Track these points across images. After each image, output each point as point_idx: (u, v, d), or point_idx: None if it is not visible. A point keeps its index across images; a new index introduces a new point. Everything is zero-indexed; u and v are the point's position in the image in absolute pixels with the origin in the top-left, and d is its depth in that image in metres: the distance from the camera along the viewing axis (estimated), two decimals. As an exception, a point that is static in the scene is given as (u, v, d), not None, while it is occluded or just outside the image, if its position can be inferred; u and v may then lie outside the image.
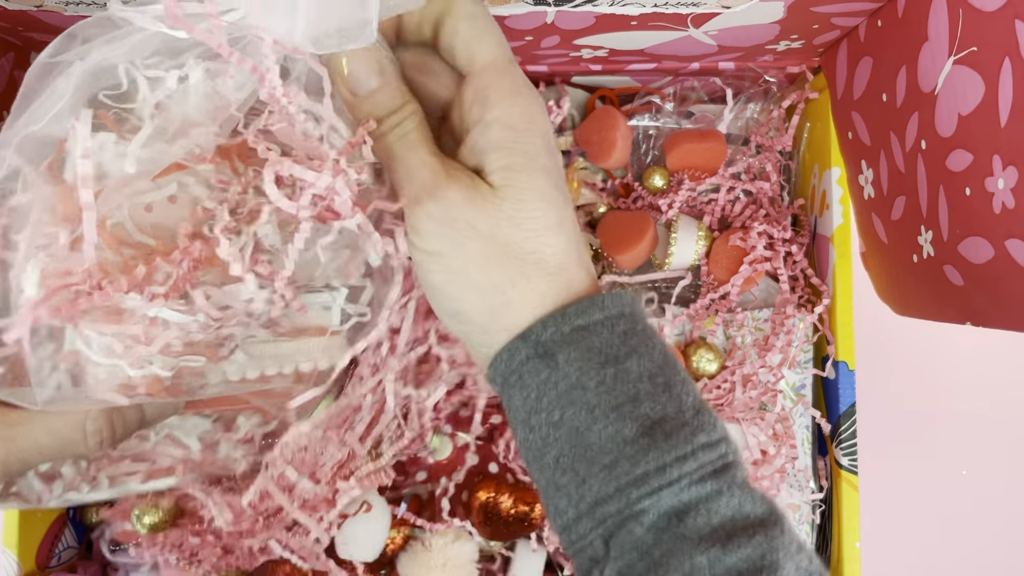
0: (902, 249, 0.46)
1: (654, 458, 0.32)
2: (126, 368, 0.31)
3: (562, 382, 0.34)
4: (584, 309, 0.34)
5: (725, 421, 0.56)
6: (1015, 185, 0.34)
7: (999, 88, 0.35)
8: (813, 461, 0.59)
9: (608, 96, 0.63)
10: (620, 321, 0.34)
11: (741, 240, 0.58)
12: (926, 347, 0.76)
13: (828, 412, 0.59)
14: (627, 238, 0.58)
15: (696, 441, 0.33)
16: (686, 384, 0.35)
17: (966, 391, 0.76)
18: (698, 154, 0.60)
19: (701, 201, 0.62)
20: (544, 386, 0.34)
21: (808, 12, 0.48)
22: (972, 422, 0.76)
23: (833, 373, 0.58)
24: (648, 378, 0.34)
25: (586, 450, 0.33)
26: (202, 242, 0.31)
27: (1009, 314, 0.37)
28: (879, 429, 0.74)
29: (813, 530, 0.59)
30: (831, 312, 0.58)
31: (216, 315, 0.32)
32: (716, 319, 0.59)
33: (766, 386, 0.58)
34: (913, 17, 0.42)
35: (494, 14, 0.47)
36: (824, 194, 0.59)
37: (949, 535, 0.76)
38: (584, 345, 0.34)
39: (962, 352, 0.76)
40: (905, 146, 0.44)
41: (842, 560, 0.56)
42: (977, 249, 0.38)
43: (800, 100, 0.61)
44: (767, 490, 0.56)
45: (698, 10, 0.47)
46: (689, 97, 0.63)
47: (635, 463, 0.33)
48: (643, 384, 0.34)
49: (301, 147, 0.32)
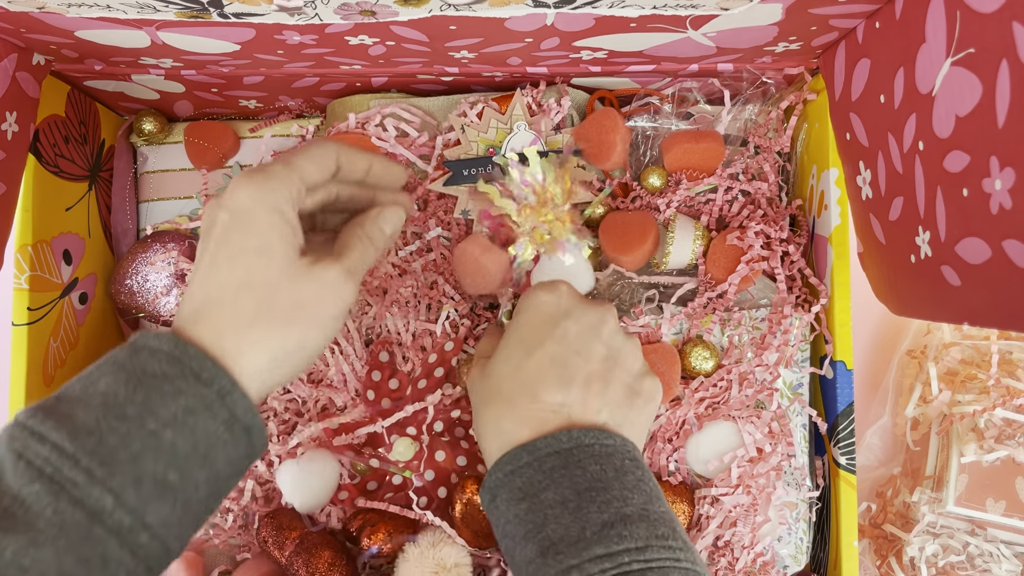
0: (900, 249, 0.47)
1: (542, 573, 0.39)
2: None
3: (500, 518, 0.43)
4: (514, 456, 0.43)
5: (721, 419, 0.57)
6: (1012, 186, 0.34)
7: (996, 89, 0.35)
8: (810, 460, 0.59)
9: (607, 97, 0.63)
10: (550, 458, 0.42)
11: (738, 240, 0.58)
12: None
13: (826, 411, 0.59)
14: (630, 239, 0.58)
15: (586, 554, 0.39)
16: (611, 503, 0.41)
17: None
18: (696, 154, 0.61)
19: (699, 201, 0.63)
20: (495, 523, 0.44)
21: (806, 14, 0.48)
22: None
23: (831, 372, 0.58)
24: (560, 504, 0.41)
25: (515, 570, 0.42)
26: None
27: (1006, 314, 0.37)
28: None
29: (810, 528, 0.59)
30: (829, 312, 0.58)
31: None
32: (713, 318, 0.59)
33: (762, 384, 0.58)
34: (911, 19, 0.43)
35: (494, 15, 0.47)
36: (822, 194, 0.59)
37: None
38: (510, 486, 0.43)
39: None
40: (903, 147, 0.45)
41: (840, 559, 0.56)
42: (974, 250, 0.38)
43: (798, 101, 0.62)
44: (763, 488, 0.56)
45: (697, 12, 0.47)
46: (688, 98, 0.63)
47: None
48: (552, 510, 0.41)
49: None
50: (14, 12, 0.46)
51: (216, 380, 0.39)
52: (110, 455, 0.36)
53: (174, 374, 0.38)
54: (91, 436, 0.36)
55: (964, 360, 0.71)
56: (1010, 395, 0.65)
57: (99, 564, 0.35)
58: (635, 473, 0.43)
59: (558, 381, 0.45)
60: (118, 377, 0.38)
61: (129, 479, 0.36)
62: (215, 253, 0.42)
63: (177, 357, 0.39)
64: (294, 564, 0.55)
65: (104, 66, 0.58)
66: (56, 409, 0.37)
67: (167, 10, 0.45)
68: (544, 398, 0.44)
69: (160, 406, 0.37)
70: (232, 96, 0.64)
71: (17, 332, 0.57)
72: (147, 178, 0.67)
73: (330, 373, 0.59)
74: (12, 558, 0.33)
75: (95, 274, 0.65)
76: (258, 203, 0.42)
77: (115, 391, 0.37)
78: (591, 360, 0.46)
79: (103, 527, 0.35)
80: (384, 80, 0.61)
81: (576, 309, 0.48)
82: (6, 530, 0.34)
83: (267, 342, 0.41)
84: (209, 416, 0.38)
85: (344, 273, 0.44)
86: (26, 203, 0.57)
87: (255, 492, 0.59)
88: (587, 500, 0.40)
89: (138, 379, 0.38)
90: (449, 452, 0.57)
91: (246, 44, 0.51)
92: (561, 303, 0.48)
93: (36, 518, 0.34)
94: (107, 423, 0.36)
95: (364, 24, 0.48)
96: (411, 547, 0.55)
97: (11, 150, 0.52)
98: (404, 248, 0.61)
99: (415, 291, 0.61)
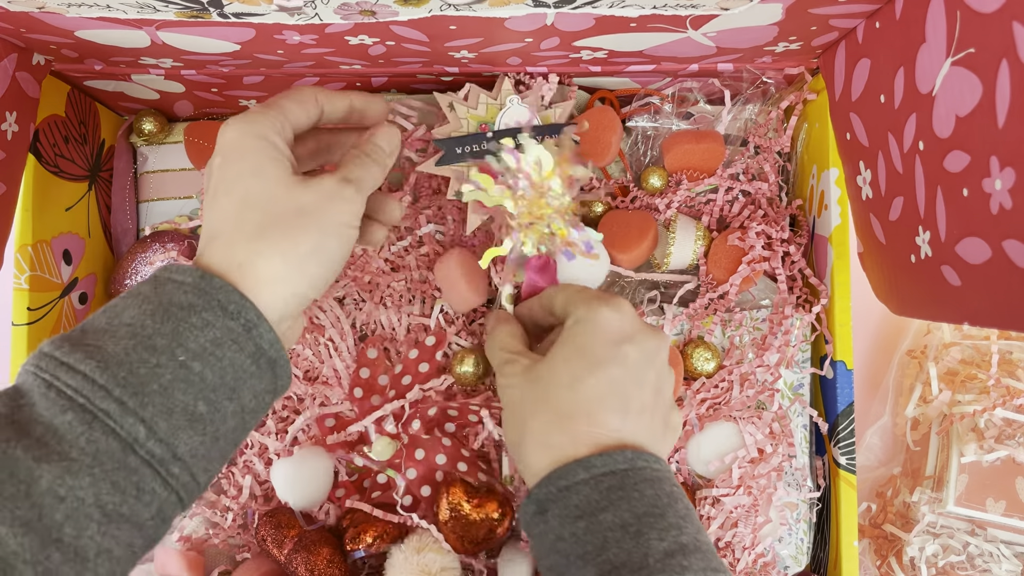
0: (900, 249, 0.47)
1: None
2: None
3: (550, 534, 0.42)
4: (570, 470, 0.42)
5: (722, 420, 0.57)
6: (1012, 186, 0.34)
7: (996, 89, 0.35)
8: (811, 460, 0.59)
9: (608, 97, 0.63)
10: (607, 478, 0.42)
11: (739, 240, 0.58)
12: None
13: (826, 411, 0.59)
14: (629, 238, 0.58)
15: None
16: (668, 531, 0.40)
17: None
18: (696, 155, 0.61)
19: (699, 201, 0.62)
20: (542, 537, 0.43)
21: (806, 14, 0.48)
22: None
23: (831, 372, 0.58)
24: (620, 527, 0.40)
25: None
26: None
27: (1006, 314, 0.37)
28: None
29: (811, 529, 0.59)
30: (829, 312, 0.58)
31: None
32: (714, 318, 0.59)
33: (763, 385, 0.58)
34: (911, 19, 0.43)
35: (494, 15, 0.47)
36: (822, 194, 0.59)
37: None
38: (565, 502, 0.42)
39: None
40: (903, 147, 0.45)
41: (840, 559, 0.56)
42: (975, 250, 0.38)
43: (798, 101, 0.61)
44: (764, 488, 0.56)
45: (697, 12, 0.47)
46: (688, 98, 0.63)
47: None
48: (612, 533, 0.40)
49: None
50: (14, 12, 0.46)
51: (243, 312, 0.39)
52: (141, 386, 0.36)
53: (201, 305, 0.38)
54: (121, 367, 0.36)
55: (964, 360, 0.71)
56: (1010, 395, 0.65)
57: (134, 492, 0.36)
58: (683, 501, 0.43)
59: (617, 406, 0.45)
60: (144, 309, 0.38)
61: (160, 409, 0.36)
62: (215, 189, 0.43)
63: (203, 288, 0.39)
64: (293, 562, 0.55)
65: (104, 66, 0.58)
66: (83, 341, 0.37)
67: (167, 10, 0.45)
68: (602, 421, 0.44)
69: (189, 338, 0.38)
70: (232, 96, 0.64)
71: (17, 332, 0.57)
72: (147, 178, 0.67)
73: (325, 370, 0.59)
74: (48, 487, 0.34)
75: (95, 274, 0.65)
76: (244, 134, 0.43)
77: (142, 322, 0.38)
78: (645, 389, 0.46)
79: (136, 456, 0.36)
80: (384, 80, 0.61)
81: (638, 334, 0.47)
82: (40, 459, 0.34)
83: (278, 246, 0.41)
84: (236, 348, 0.39)
85: (341, 180, 0.44)
86: (26, 203, 0.57)
87: (254, 490, 0.59)
88: (647, 526, 0.40)
89: (165, 310, 0.38)
90: (429, 450, 0.57)
91: (246, 44, 0.51)
92: (625, 325, 0.47)
93: (70, 447, 0.35)
94: (136, 354, 0.37)
95: (364, 24, 0.48)
96: (396, 551, 0.54)
97: (11, 150, 0.52)
98: (397, 243, 0.61)
99: (408, 285, 0.61)
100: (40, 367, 0.37)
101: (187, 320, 0.38)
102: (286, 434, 0.58)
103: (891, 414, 0.74)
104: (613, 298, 0.48)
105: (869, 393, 0.76)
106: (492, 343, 0.52)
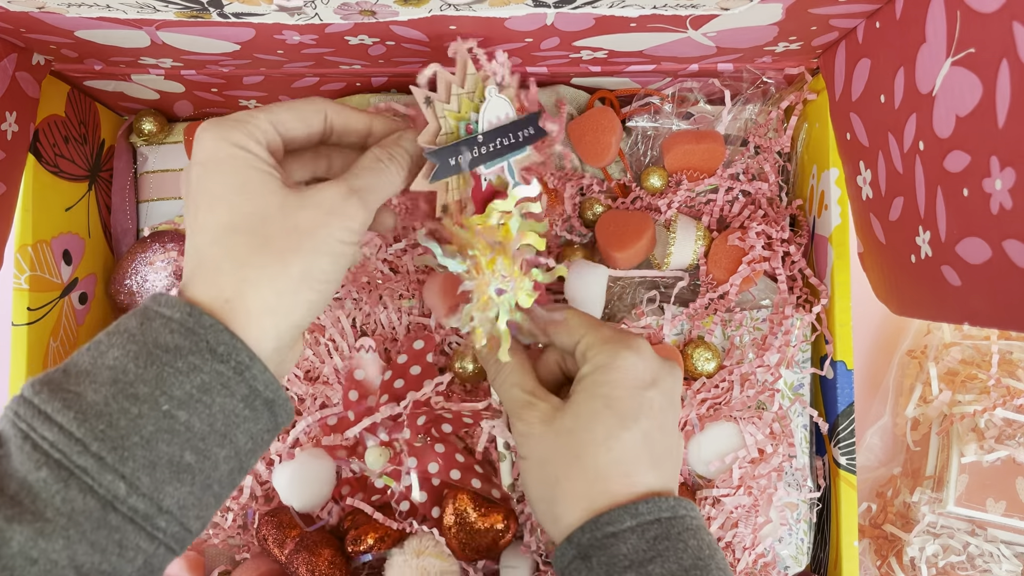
0: (900, 249, 0.47)
1: None
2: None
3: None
4: (616, 517, 0.41)
5: (723, 420, 0.57)
6: (1013, 186, 0.34)
7: (997, 89, 0.35)
8: (811, 460, 0.59)
9: (608, 97, 0.63)
10: (652, 527, 0.41)
11: (739, 240, 0.58)
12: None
13: (826, 411, 0.59)
14: (625, 237, 0.58)
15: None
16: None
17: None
18: (696, 155, 0.61)
19: (699, 201, 0.62)
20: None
21: (806, 14, 0.48)
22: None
23: (831, 372, 0.58)
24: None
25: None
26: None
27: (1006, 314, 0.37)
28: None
29: (811, 529, 0.59)
30: (829, 312, 0.58)
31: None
32: (715, 318, 0.59)
33: (764, 385, 0.58)
34: (911, 19, 0.43)
35: (494, 15, 0.47)
36: (823, 194, 0.59)
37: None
38: (612, 551, 0.41)
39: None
40: (903, 147, 0.45)
41: (840, 559, 0.56)
42: (975, 250, 0.38)
43: (798, 101, 0.61)
44: (764, 488, 0.56)
45: (697, 12, 0.47)
46: (688, 98, 0.63)
47: None
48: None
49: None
50: (14, 12, 0.46)
51: (233, 354, 0.37)
52: (121, 439, 0.34)
53: (188, 348, 0.36)
54: (100, 419, 0.34)
55: (964, 360, 0.70)
56: (1010, 395, 0.65)
57: (115, 550, 0.34)
58: (719, 552, 0.43)
59: (651, 461, 0.44)
60: (128, 350, 0.36)
61: (142, 464, 0.34)
62: (196, 204, 0.39)
63: (190, 328, 0.36)
64: (294, 563, 0.54)
65: (104, 66, 0.58)
66: (63, 385, 0.35)
67: (167, 10, 0.45)
68: (637, 476, 0.44)
69: (174, 384, 0.35)
70: (232, 96, 0.64)
71: (17, 332, 0.57)
72: (147, 178, 0.67)
73: (325, 370, 0.59)
74: (19, 549, 0.32)
75: (95, 274, 0.65)
76: (223, 143, 0.39)
77: (125, 366, 0.35)
78: (669, 435, 0.46)
79: (117, 514, 0.34)
80: (384, 80, 0.61)
81: (659, 374, 0.46)
82: (11, 519, 0.32)
83: (268, 274, 0.38)
84: (227, 393, 0.36)
85: (344, 191, 0.40)
86: (26, 203, 0.57)
87: (255, 491, 0.59)
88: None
89: (149, 352, 0.36)
90: (422, 458, 0.56)
91: (246, 44, 0.51)
92: (646, 367, 0.46)
93: (44, 506, 0.33)
94: (117, 403, 0.35)
95: (364, 24, 0.48)
96: (396, 554, 0.55)
97: (11, 150, 0.52)
98: (394, 244, 0.61)
99: (407, 286, 0.60)
100: (19, 415, 0.35)
101: (172, 364, 0.36)
102: (287, 435, 0.58)
103: (891, 414, 0.74)
104: (631, 339, 0.47)
105: (869, 393, 0.76)
106: (503, 380, 0.48)
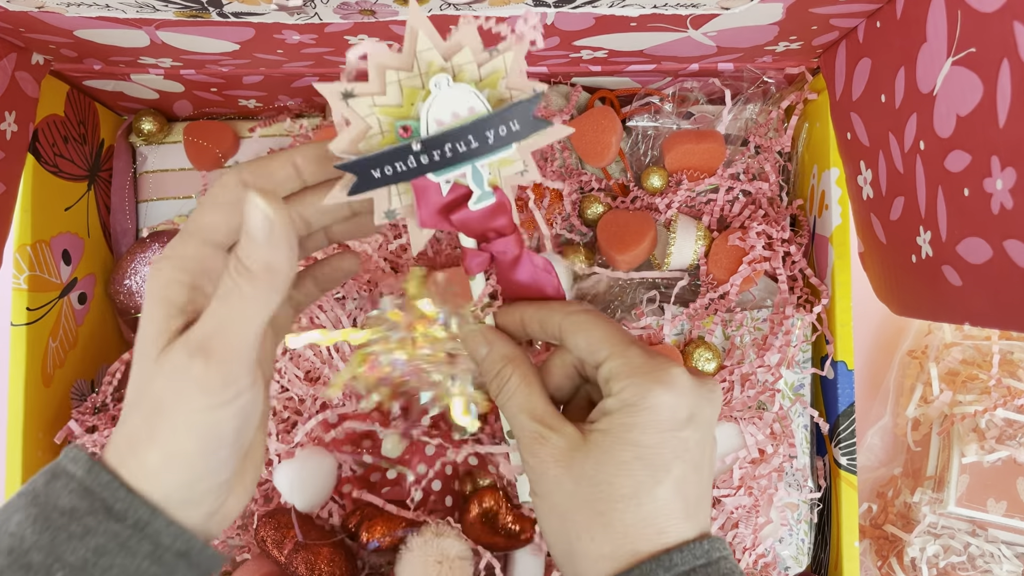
0: (901, 249, 0.46)
1: None
2: None
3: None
4: (649, 570, 0.37)
5: (723, 420, 0.57)
6: (1013, 186, 0.34)
7: (997, 89, 0.35)
8: (812, 461, 0.59)
9: (608, 97, 0.63)
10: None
11: (740, 240, 0.58)
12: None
13: (827, 412, 0.59)
14: (627, 239, 0.58)
15: None
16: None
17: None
18: (696, 155, 0.60)
19: (700, 201, 0.62)
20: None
21: (807, 13, 0.48)
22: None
23: (832, 373, 0.58)
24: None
25: None
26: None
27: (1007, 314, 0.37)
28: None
29: (812, 529, 0.59)
30: (830, 312, 0.58)
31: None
32: (715, 319, 0.59)
33: (764, 385, 0.58)
34: (912, 18, 0.43)
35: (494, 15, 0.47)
36: (823, 194, 0.59)
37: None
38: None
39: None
40: (904, 147, 0.44)
41: (841, 559, 0.56)
42: (975, 250, 0.38)
43: (799, 101, 0.61)
44: (765, 489, 0.56)
45: (697, 11, 0.47)
46: (688, 98, 0.63)
47: None
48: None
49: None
50: (13, 12, 0.46)
51: (131, 511, 0.34)
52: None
53: (83, 509, 0.34)
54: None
55: (965, 360, 0.70)
56: (1011, 395, 0.65)
57: None
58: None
59: (684, 512, 0.39)
60: (29, 513, 0.34)
61: None
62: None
63: (88, 487, 0.34)
64: (293, 562, 0.54)
65: (103, 66, 0.58)
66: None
67: (166, 9, 0.45)
68: (671, 533, 0.39)
69: (67, 550, 0.33)
70: (232, 96, 0.64)
71: (16, 332, 0.57)
72: (146, 178, 0.67)
73: (326, 371, 0.59)
74: None
75: (94, 274, 0.65)
76: (149, 292, 0.36)
77: (23, 533, 0.34)
78: (705, 471, 0.41)
79: None
80: (384, 80, 0.61)
81: (696, 407, 0.39)
82: None
83: (149, 437, 0.35)
84: (126, 554, 0.34)
85: (185, 354, 0.33)
86: (25, 203, 0.57)
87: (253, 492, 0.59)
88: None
89: (46, 517, 0.34)
90: (438, 445, 0.57)
91: (245, 44, 0.51)
92: (685, 405, 0.38)
93: None
94: (11, 574, 0.33)
95: (364, 23, 0.48)
96: (414, 537, 0.55)
97: (10, 150, 0.52)
98: (394, 242, 0.60)
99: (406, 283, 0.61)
100: None
101: (66, 528, 0.33)
102: (287, 435, 0.58)
103: (892, 414, 0.74)
104: (664, 371, 0.39)
105: (870, 393, 0.75)
106: (506, 401, 0.41)
